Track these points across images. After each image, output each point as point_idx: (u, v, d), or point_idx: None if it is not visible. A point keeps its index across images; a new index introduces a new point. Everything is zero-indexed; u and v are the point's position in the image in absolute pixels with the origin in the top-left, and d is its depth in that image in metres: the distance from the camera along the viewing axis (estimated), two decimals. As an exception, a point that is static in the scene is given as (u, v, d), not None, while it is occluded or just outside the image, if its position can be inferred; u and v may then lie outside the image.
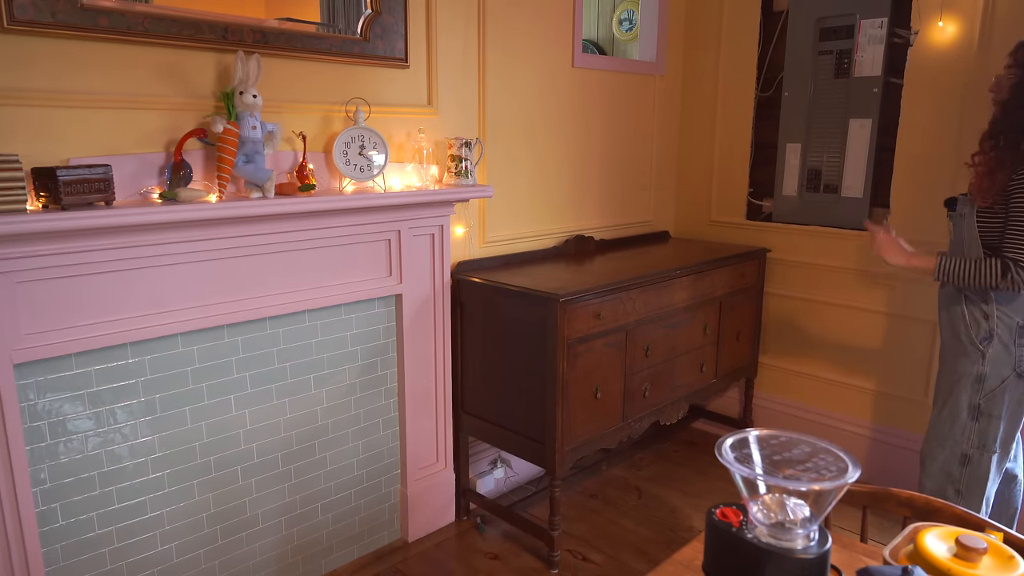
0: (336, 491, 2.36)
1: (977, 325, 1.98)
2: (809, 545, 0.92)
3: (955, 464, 2.04)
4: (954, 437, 2.03)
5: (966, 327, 2.00)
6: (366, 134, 2.14)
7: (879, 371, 2.98)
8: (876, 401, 3.00)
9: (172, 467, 1.96)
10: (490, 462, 2.91)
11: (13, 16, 1.56)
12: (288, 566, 2.28)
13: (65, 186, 1.56)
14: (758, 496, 0.96)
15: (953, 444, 2.04)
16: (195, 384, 1.97)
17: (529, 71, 2.74)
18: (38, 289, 1.64)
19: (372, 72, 2.26)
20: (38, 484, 1.73)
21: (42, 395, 1.70)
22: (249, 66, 1.88)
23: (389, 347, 2.41)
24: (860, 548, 1.22)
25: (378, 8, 2.20)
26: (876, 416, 3.01)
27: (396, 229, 2.29)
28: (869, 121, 2.86)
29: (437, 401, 2.56)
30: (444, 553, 2.51)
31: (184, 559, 2.03)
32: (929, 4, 2.63)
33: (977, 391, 1.98)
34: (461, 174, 2.40)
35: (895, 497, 1.36)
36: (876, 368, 2.99)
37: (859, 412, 3.06)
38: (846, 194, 2.96)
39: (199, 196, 1.80)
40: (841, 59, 2.90)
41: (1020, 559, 1.01)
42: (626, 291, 2.44)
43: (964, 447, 2.02)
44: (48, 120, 1.67)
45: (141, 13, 1.74)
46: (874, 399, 3.01)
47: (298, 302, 2.10)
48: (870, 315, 2.97)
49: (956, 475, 2.04)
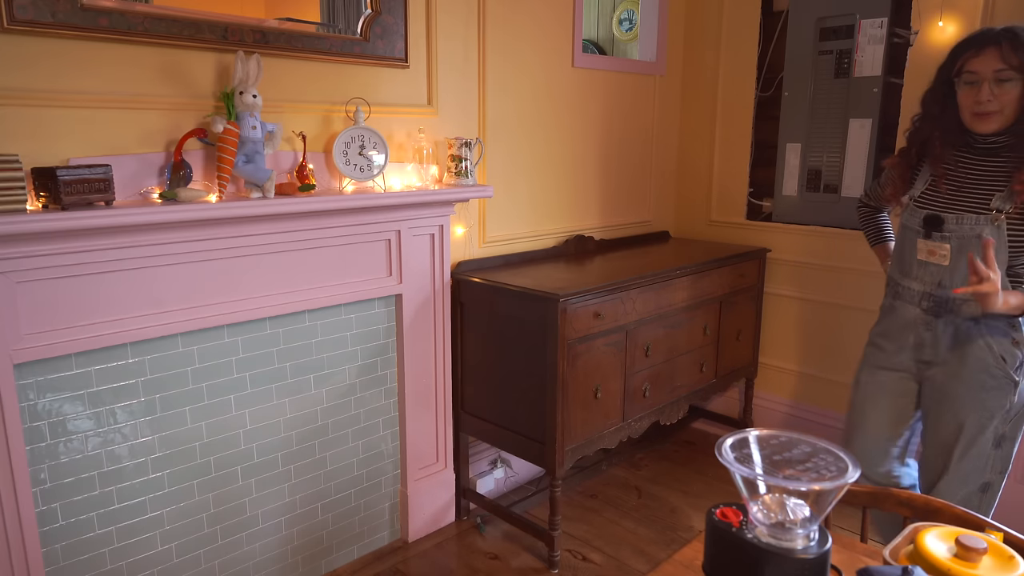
0: (336, 491, 2.36)
1: (1012, 356, 1.78)
2: (809, 545, 0.92)
3: (975, 494, 1.90)
4: (978, 470, 1.87)
5: (997, 360, 1.78)
6: (366, 134, 2.14)
7: (879, 371, 2.97)
8: (876, 401, 3.00)
9: (172, 467, 1.96)
10: (490, 462, 2.91)
11: (13, 16, 1.56)
12: (288, 566, 2.28)
13: (65, 186, 1.56)
14: (758, 496, 0.96)
15: (976, 477, 1.87)
16: (195, 384, 1.97)
17: (529, 71, 2.74)
18: (38, 289, 1.64)
19: (372, 72, 2.26)
20: (38, 484, 1.73)
21: (42, 395, 1.70)
22: (249, 66, 1.88)
23: (389, 347, 2.41)
24: (860, 548, 1.22)
25: (378, 8, 2.20)
26: (876, 416, 3.00)
27: (396, 229, 2.29)
28: (869, 121, 2.86)
29: (437, 401, 2.56)
30: (444, 553, 2.51)
31: (184, 559, 2.03)
32: (929, 4, 2.63)
33: (1005, 420, 1.83)
34: (461, 174, 2.40)
35: (895, 497, 1.36)
36: (876, 368, 2.98)
37: (859, 412, 3.05)
38: (846, 194, 2.96)
39: (199, 196, 1.80)
40: (841, 59, 2.90)
41: (1020, 559, 1.01)
42: (626, 291, 2.44)
43: (986, 476, 1.87)
44: (48, 120, 1.67)
45: (141, 13, 1.74)
46: (874, 399, 3.00)
47: (298, 302, 2.10)
48: (870, 315, 2.95)
49: (975, 503, 1.90)
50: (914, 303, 1.90)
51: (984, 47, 1.72)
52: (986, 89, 1.70)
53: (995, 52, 1.69)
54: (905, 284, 1.92)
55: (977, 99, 1.72)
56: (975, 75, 1.73)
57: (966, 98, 1.76)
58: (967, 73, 1.74)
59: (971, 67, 1.73)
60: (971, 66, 1.73)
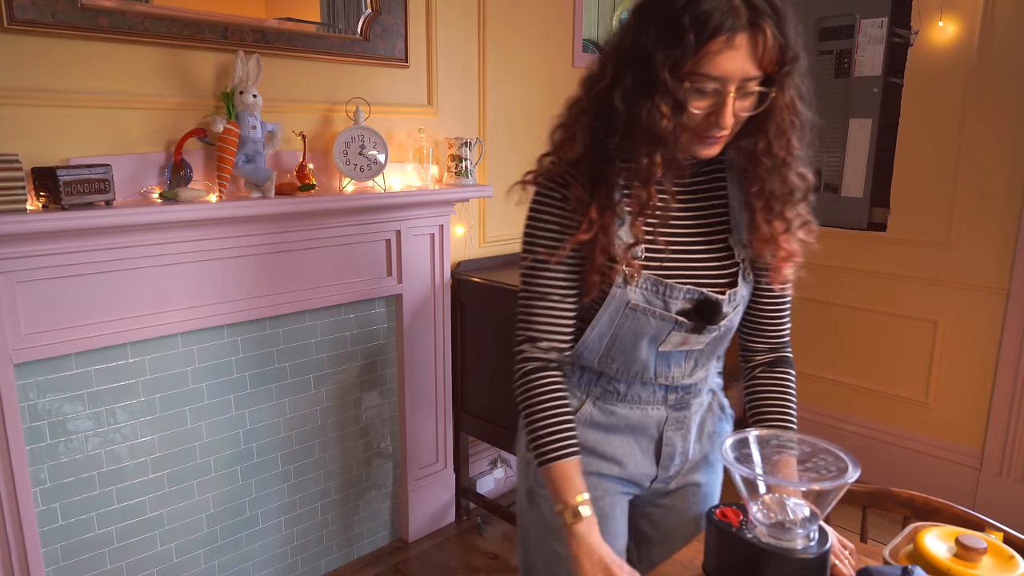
0: (336, 491, 2.36)
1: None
2: (809, 545, 0.92)
3: None
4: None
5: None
6: (366, 134, 2.14)
7: (879, 371, 2.98)
8: (876, 401, 3.00)
9: (172, 467, 1.96)
10: (490, 462, 2.91)
11: (13, 16, 1.56)
12: (288, 566, 2.28)
13: (65, 186, 1.56)
14: (758, 496, 0.95)
15: None
16: (195, 384, 1.97)
17: (529, 71, 2.74)
18: (38, 289, 1.63)
19: (372, 72, 2.26)
20: (38, 484, 1.73)
21: (42, 395, 1.70)
22: (249, 66, 1.88)
23: (389, 347, 2.41)
24: (860, 548, 1.22)
25: (378, 8, 2.20)
26: (876, 416, 3.01)
27: (396, 229, 2.29)
28: (869, 121, 2.86)
29: (437, 401, 2.56)
30: (444, 553, 2.51)
31: (184, 559, 2.03)
32: (929, 4, 2.63)
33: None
34: (461, 174, 2.40)
35: (895, 497, 1.36)
36: (876, 368, 2.98)
37: (859, 412, 3.06)
38: (846, 194, 2.96)
39: (199, 196, 1.80)
40: (841, 59, 2.90)
41: (1020, 559, 1.01)
42: (626, 291, 2.44)
43: None
44: (48, 120, 1.67)
45: (141, 13, 1.74)
46: (874, 399, 3.01)
47: (298, 302, 2.10)
48: (870, 315, 2.97)
49: None
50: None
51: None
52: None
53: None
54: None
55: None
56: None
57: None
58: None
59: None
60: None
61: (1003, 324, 2.60)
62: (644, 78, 0.96)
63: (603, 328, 1.13)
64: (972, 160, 2.60)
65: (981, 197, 2.60)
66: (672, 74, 0.94)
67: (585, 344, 1.17)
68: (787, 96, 1.00)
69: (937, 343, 2.79)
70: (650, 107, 0.96)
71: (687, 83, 0.94)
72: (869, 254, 2.92)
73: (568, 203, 1.08)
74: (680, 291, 1.09)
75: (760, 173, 1.06)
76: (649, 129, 0.97)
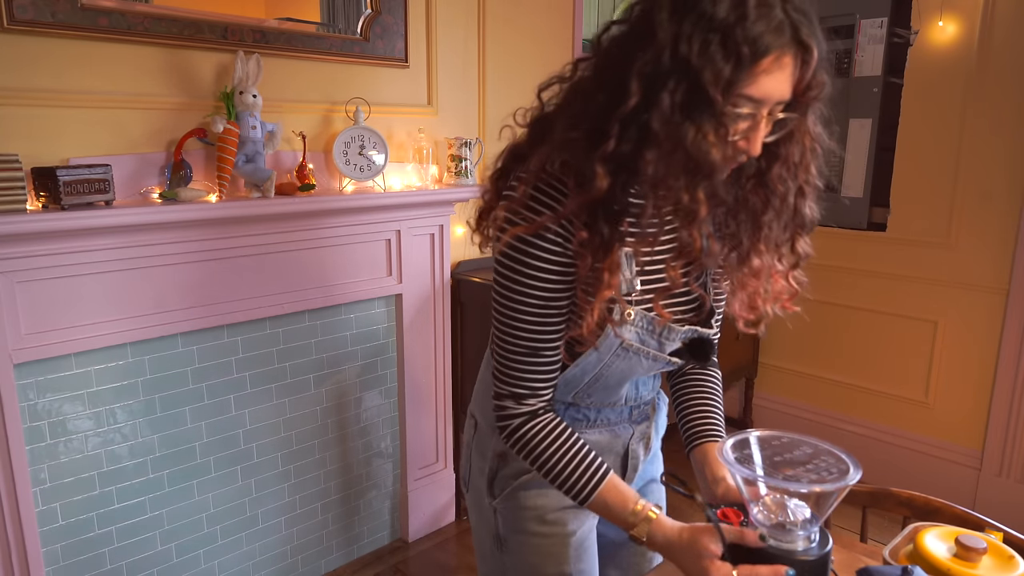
0: (336, 491, 2.36)
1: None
2: (810, 547, 0.92)
3: None
4: None
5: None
6: (366, 134, 2.14)
7: (879, 371, 2.98)
8: (876, 401, 3.00)
9: (172, 467, 1.96)
10: (490, 462, 2.91)
11: (13, 16, 1.56)
12: (288, 566, 2.28)
13: (65, 186, 1.56)
14: (759, 497, 0.95)
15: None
16: (195, 384, 1.97)
17: (529, 71, 2.74)
18: (38, 289, 1.63)
19: (372, 72, 2.26)
20: (38, 484, 1.73)
21: (42, 395, 1.70)
22: (249, 66, 1.88)
23: (389, 347, 2.41)
24: (860, 548, 1.22)
25: (378, 8, 2.20)
26: (876, 416, 3.01)
27: (396, 229, 2.29)
28: (869, 121, 2.86)
29: (437, 401, 2.56)
30: (444, 553, 2.51)
31: (184, 559, 2.03)
32: (929, 4, 2.63)
33: None
34: (461, 174, 2.40)
35: (895, 497, 1.36)
36: (876, 368, 2.99)
37: (859, 412, 3.06)
38: (846, 194, 2.96)
39: (199, 196, 1.80)
40: (841, 59, 2.90)
41: (1020, 559, 1.01)
42: (626, 291, 2.44)
43: None
44: (48, 120, 1.67)
45: (141, 13, 1.74)
46: (874, 399, 3.01)
47: (298, 302, 2.10)
48: (870, 315, 2.97)
49: None
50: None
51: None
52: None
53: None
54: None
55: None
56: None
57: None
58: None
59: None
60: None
61: (1003, 324, 2.61)
62: (688, 98, 0.80)
63: (588, 367, 1.04)
64: (972, 160, 2.60)
65: (981, 197, 2.60)
66: (725, 95, 0.80)
67: (564, 379, 1.06)
68: (810, 121, 0.94)
69: (937, 343, 2.79)
70: (695, 133, 0.81)
71: (730, 105, 0.82)
72: (869, 254, 2.93)
73: (570, 244, 0.92)
74: (678, 333, 1.03)
75: (771, 201, 0.98)
76: (696, 158, 0.82)
